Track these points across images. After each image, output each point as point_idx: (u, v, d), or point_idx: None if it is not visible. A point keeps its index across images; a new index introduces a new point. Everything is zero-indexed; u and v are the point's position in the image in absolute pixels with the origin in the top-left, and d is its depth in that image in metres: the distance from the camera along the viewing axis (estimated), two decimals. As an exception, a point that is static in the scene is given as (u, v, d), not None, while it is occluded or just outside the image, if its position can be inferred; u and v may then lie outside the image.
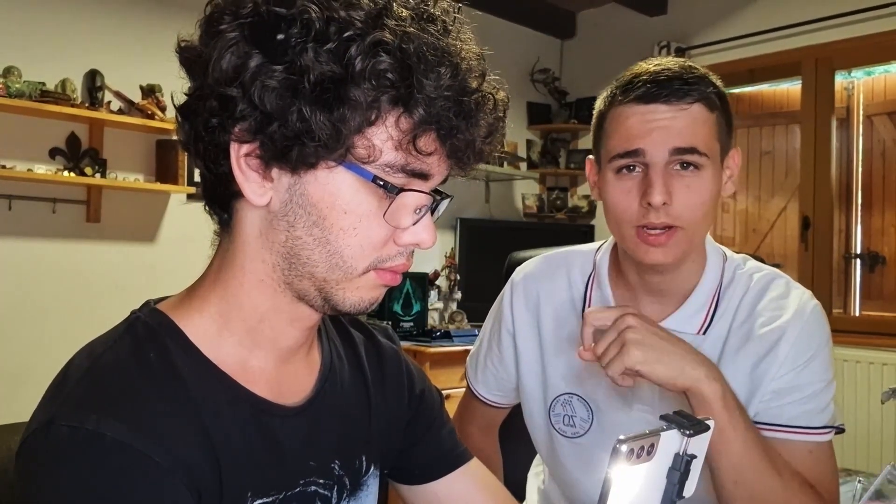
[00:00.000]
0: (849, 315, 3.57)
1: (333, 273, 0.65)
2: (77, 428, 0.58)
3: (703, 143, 0.96)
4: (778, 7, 3.54)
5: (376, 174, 0.62)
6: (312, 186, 0.63)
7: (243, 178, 0.63)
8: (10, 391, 2.60)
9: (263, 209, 0.65)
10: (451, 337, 3.34)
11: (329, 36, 0.59)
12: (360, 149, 0.61)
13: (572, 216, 4.24)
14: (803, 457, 0.97)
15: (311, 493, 0.71)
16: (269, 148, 0.61)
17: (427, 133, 0.62)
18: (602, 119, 1.03)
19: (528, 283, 1.17)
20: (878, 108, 3.63)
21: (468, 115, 0.63)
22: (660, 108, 0.96)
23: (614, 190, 0.99)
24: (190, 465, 0.61)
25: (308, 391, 0.74)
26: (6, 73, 2.69)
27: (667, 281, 1.04)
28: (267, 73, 0.59)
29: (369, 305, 0.68)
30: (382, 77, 0.59)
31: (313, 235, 0.64)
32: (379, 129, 0.61)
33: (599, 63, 4.21)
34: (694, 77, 0.97)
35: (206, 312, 0.68)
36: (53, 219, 2.85)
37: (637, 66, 1.01)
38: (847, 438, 3.08)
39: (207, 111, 0.62)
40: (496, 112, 0.67)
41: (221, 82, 0.61)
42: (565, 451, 1.12)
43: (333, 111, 0.59)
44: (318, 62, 0.58)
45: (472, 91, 0.64)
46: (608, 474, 0.51)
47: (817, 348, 1.00)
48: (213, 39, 0.61)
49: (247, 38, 0.60)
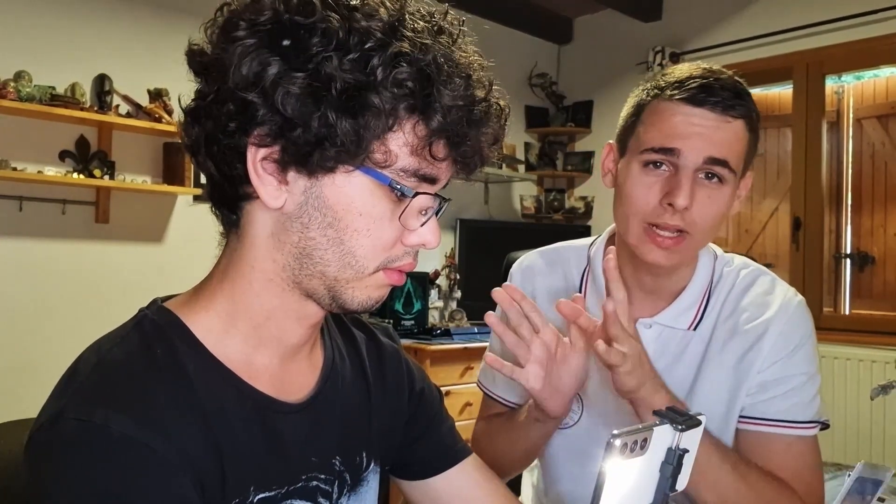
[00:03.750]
0: (839, 314, 3.57)
1: (345, 272, 0.66)
2: (85, 421, 0.58)
3: (735, 159, 0.96)
4: (770, 13, 3.56)
5: (392, 178, 0.64)
6: (329, 189, 0.64)
7: (259, 182, 0.64)
8: (19, 388, 2.62)
9: (276, 211, 0.66)
10: (451, 335, 3.35)
11: (351, 45, 0.60)
12: (377, 154, 0.63)
13: (569, 217, 4.25)
14: (782, 449, 0.98)
15: (313, 488, 0.71)
16: (290, 152, 0.62)
17: (440, 140, 0.64)
18: (640, 109, 1.00)
19: (524, 276, 1.17)
20: (868, 111, 3.63)
21: (478, 123, 0.66)
22: (707, 114, 0.94)
23: (636, 182, 0.98)
24: (194, 459, 0.62)
25: (310, 388, 0.74)
26: (17, 78, 2.70)
27: (660, 281, 1.05)
28: (289, 79, 0.60)
29: (375, 304, 0.69)
30: (403, 86, 0.61)
31: (327, 236, 0.65)
32: (396, 135, 0.63)
33: (596, 68, 4.23)
34: (743, 92, 0.97)
35: (212, 310, 0.69)
36: (63, 219, 2.88)
37: (685, 66, 0.99)
38: (837, 434, 3.10)
39: (225, 115, 0.63)
40: (500, 120, 0.69)
41: (241, 87, 0.61)
42: (555, 443, 1.12)
43: (357, 117, 0.61)
44: (343, 70, 0.60)
45: (480, 101, 0.66)
46: (602, 468, 0.51)
47: (801, 340, 1.00)
48: (230, 45, 0.62)
49: (267, 44, 0.61)
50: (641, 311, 1.06)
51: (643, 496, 0.56)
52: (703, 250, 1.07)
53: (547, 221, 4.30)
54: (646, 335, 1.04)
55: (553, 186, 4.42)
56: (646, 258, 0.98)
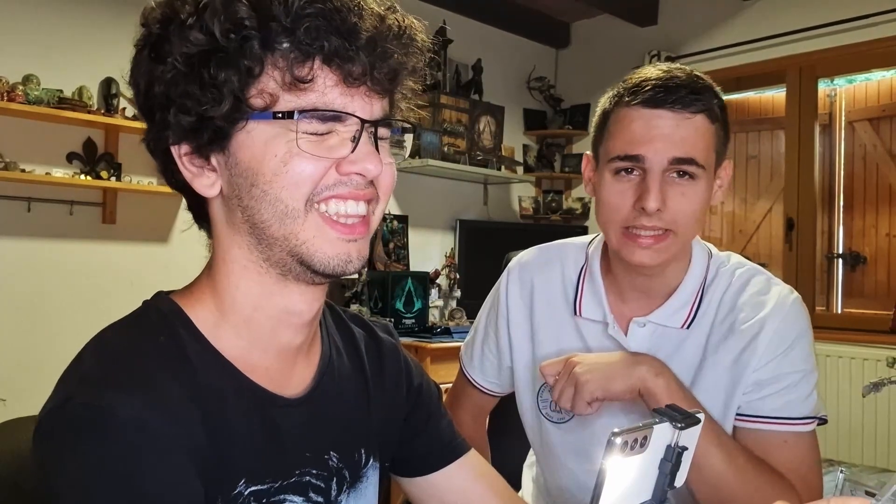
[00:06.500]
0: (831, 312, 3.60)
1: (285, 223, 0.65)
2: (92, 404, 0.58)
3: (702, 154, 0.95)
4: (763, 18, 3.59)
5: (276, 112, 0.63)
6: (240, 153, 0.64)
7: (191, 176, 0.67)
8: (27, 386, 2.63)
9: (220, 198, 0.68)
10: (450, 333, 3.37)
11: (191, 14, 0.62)
12: (255, 100, 0.62)
13: (567, 218, 4.27)
14: (779, 445, 0.98)
15: (306, 483, 0.71)
16: (191, 137, 0.64)
17: (305, 62, 0.62)
18: (605, 118, 1.01)
19: (523, 272, 1.17)
20: (860, 114, 3.65)
21: (346, 32, 0.62)
22: (664, 114, 0.94)
23: (609, 190, 0.99)
24: (196, 444, 0.62)
25: (307, 383, 0.74)
26: (25, 81, 2.71)
27: (652, 280, 1.04)
28: (162, 73, 0.63)
29: (341, 263, 0.66)
30: (240, 25, 0.61)
31: (255, 196, 0.64)
32: (266, 77, 0.62)
33: (593, 71, 4.25)
34: (701, 87, 0.96)
35: (204, 304, 0.70)
36: (70, 220, 2.90)
37: (645, 69, 0.99)
38: (830, 430, 3.11)
39: (148, 132, 0.67)
40: (387, 26, 0.65)
41: (145, 102, 0.66)
42: (553, 437, 1.13)
43: (204, 77, 0.61)
44: (183, 39, 0.61)
45: (342, 8, 0.62)
46: (603, 465, 0.51)
47: (796, 337, 1.00)
48: (136, 72, 0.66)
49: (151, 57, 0.64)
50: (635, 311, 1.06)
51: (642, 492, 0.56)
52: (697, 249, 1.07)
53: (545, 222, 4.32)
54: (640, 334, 1.05)
55: (551, 188, 4.44)
56: (631, 260, 0.98)
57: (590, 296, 1.10)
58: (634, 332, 1.05)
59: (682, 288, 1.05)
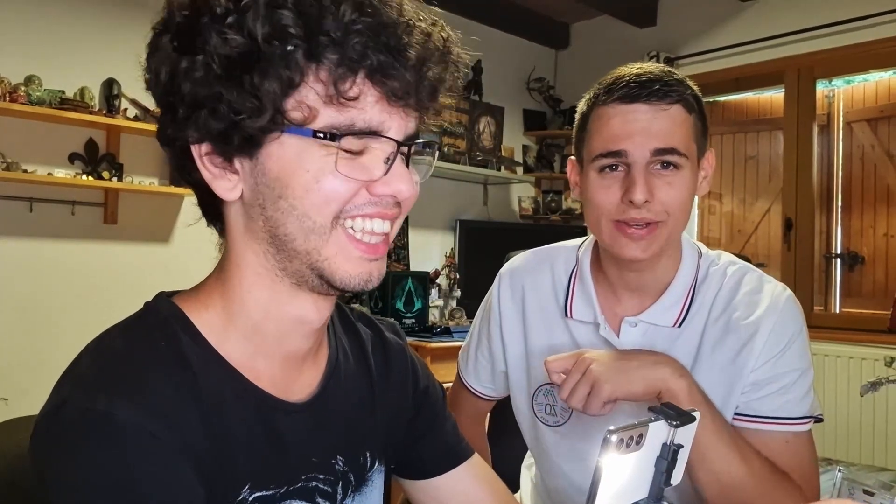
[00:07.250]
0: (829, 312, 3.60)
1: (309, 239, 0.63)
2: (88, 409, 0.58)
3: (682, 143, 0.97)
4: (762, 19, 3.60)
5: (316, 130, 0.60)
6: (269, 162, 0.62)
7: (211, 177, 0.64)
8: (28, 385, 2.64)
9: (239, 203, 0.65)
10: (450, 333, 3.40)
11: (229, 11, 0.58)
12: (293, 112, 0.60)
13: (566, 217, 4.29)
14: (781, 446, 0.97)
15: (312, 489, 0.70)
16: (218, 140, 0.61)
17: (350, 77, 0.59)
18: (585, 120, 1.02)
19: (514, 276, 1.17)
20: (858, 115, 3.65)
21: (395, 49, 0.60)
22: (641, 108, 0.96)
23: (596, 187, 0.99)
24: (195, 450, 0.61)
25: (313, 388, 0.73)
26: (28, 82, 2.73)
27: (644, 277, 1.04)
28: (190, 69, 0.59)
29: (361, 282, 0.65)
30: (285, 32, 0.58)
31: (282, 209, 0.62)
32: (306, 89, 0.60)
33: (592, 72, 4.15)
34: (673, 79, 0.98)
35: (211, 308, 0.68)
36: (72, 220, 2.92)
37: (619, 69, 1.01)
38: (828, 430, 3.12)
39: (164, 125, 0.63)
40: (433, 44, 0.63)
41: (165, 94, 0.62)
42: (548, 440, 1.12)
43: (244, 83, 0.58)
44: (223, 39, 0.58)
45: (391, 24, 0.60)
46: (599, 463, 0.51)
47: (792, 337, 1.00)
48: (154, 58, 0.62)
49: (175, 46, 0.61)
50: (627, 310, 1.06)
51: (638, 490, 0.56)
52: (687, 247, 1.07)
53: (544, 222, 4.33)
54: (632, 334, 1.05)
55: (550, 188, 4.46)
56: (623, 255, 0.98)
57: (580, 297, 1.10)
58: (626, 332, 1.06)
59: (673, 286, 1.05)
